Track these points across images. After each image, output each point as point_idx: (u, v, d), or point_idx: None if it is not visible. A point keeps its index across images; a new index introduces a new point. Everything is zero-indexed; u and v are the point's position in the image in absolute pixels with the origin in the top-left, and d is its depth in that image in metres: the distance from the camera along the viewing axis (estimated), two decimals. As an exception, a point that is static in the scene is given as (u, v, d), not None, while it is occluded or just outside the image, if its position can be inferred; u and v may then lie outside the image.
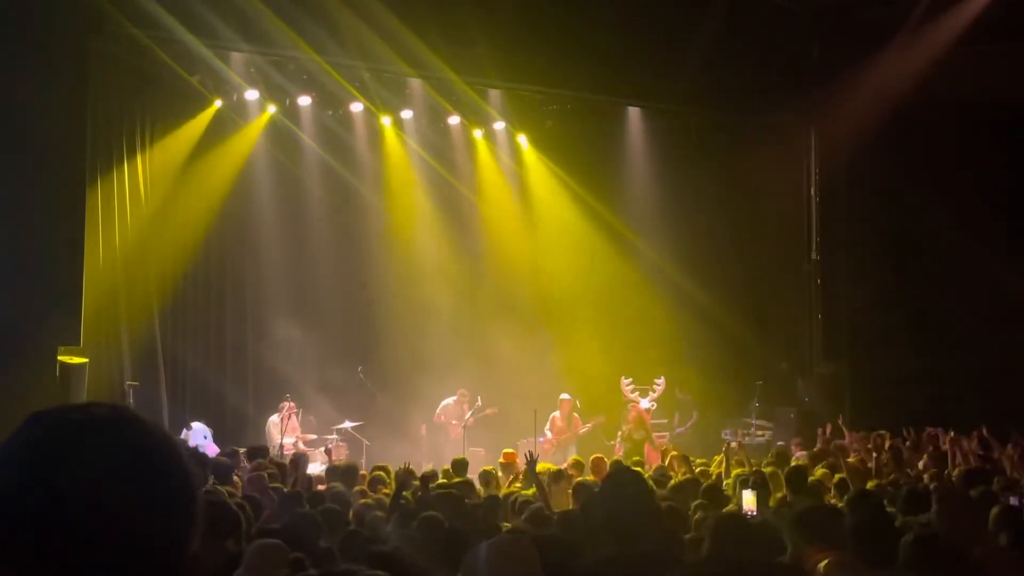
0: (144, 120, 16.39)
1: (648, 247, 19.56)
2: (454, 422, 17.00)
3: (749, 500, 7.90)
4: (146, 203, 16.44)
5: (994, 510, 6.48)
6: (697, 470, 10.99)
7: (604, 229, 19.68)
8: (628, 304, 19.26)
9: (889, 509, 6.86)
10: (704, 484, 9.27)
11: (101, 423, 1.45)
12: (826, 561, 4.79)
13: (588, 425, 17.06)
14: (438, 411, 17.19)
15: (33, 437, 1.43)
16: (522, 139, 19.71)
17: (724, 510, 7.62)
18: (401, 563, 5.48)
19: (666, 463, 12.00)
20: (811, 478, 9.78)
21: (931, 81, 16.45)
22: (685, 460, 11.59)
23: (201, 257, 17.29)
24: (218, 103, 17.04)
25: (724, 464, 11.48)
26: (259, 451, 12.32)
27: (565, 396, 17.02)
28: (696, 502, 8.10)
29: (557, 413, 16.93)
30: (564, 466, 11.65)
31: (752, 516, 7.55)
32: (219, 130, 17.28)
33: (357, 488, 9.60)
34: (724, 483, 9.87)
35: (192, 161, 17.06)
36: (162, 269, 16.62)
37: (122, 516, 1.39)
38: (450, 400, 17.22)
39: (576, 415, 17.05)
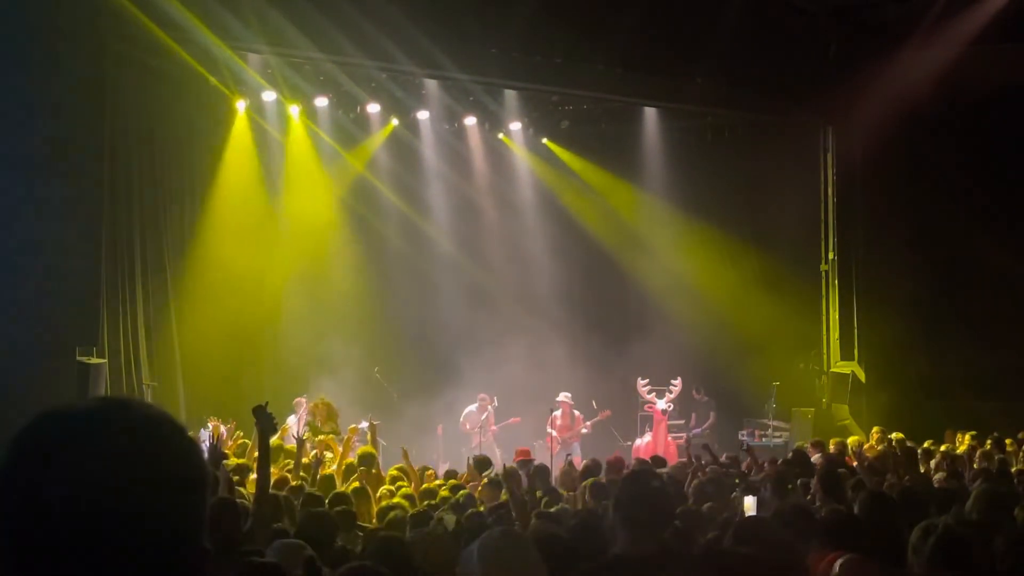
0: (161, 120, 16.44)
1: (664, 248, 19.55)
2: (476, 430, 16.94)
3: (749, 507, 7.88)
4: (163, 203, 16.51)
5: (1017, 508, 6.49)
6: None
7: (619, 230, 19.67)
8: (644, 305, 19.25)
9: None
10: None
11: (96, 414, 1.43)
12: (841, 561, 4.80)
13: (587, 424, 17.13)
14: (462, 419, 17.07)
15: (26, 432, 1.41)
16: (539, 140, 19.72)
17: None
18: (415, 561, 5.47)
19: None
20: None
21: (948, 80, 16.40)
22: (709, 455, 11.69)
23: (219, 257, 17.33)
24: (240, 104, 17.12)
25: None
26: (276, 452, 12.32)
27: (563, 397, 17.08)
28: (709, 504, 8.08)
29: (559, 412, 17.00)
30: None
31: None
32: (234, 128, 17.34)
33: (384, 488, 9.59)
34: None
35: (208, 160, 17.13)
36: (180, 269, 16.69)
37: (121, 506, 1.36)
38: (472, 407, 17.16)
39: (578, 413, 17.15)
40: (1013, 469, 11.70)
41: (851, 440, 14.44)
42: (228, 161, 17.38)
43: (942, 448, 13.45)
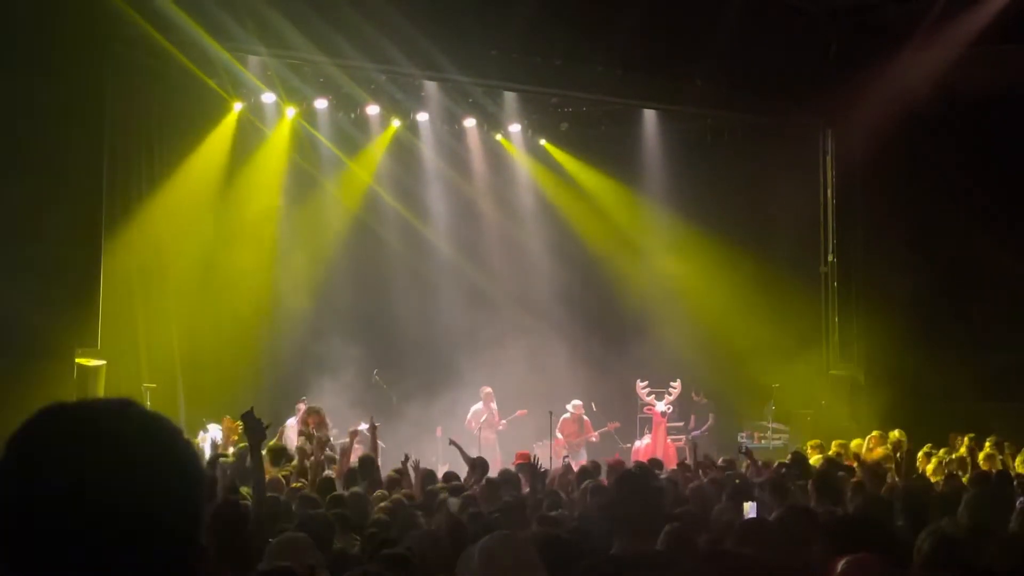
0: (160, 123, 16.45)
1: (663, 250, 19.55)
2: (480, 427, 16.88)
3: (748, 509, 7.89)
4: (162, 205, 16.51)
5: (1017, 509, 6.49)
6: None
7: (619, 232, 19.68)
8: (643, 307, 19.25)
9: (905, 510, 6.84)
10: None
11: (95, 413, 1.43)
12: (845, 561, 4.79)
13: (595, 433, 17.15)
14: (469, 418, 17.05)
15: (24, 430, 1.41)
16: (538, 141, 19.73)
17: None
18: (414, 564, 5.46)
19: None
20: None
21: (948, 81, 16.39)
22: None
23: (218, 259, 17.33)
24: (237, 107, 17.12)
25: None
26: (280, 453, 12.31)
27: (577, 403, 17.11)
28: (719, 506, 8.07)
29: (568, 415, 17.02)
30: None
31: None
32: (235, 132, 17.35)
33: (379, 492, 9.58)
34: None
35: (208, 163, 17.13)
36: (179, 271, 16.68)
37: (119, 505, 1.36)
38: (478, 406, 17.14)
39: (587, 419, 17.16)
40: (1012, 472, 11.71)
41: (852, 443, 14.43)
42: (227, 162, 17.38)
43: (942, 450, 13.45)
